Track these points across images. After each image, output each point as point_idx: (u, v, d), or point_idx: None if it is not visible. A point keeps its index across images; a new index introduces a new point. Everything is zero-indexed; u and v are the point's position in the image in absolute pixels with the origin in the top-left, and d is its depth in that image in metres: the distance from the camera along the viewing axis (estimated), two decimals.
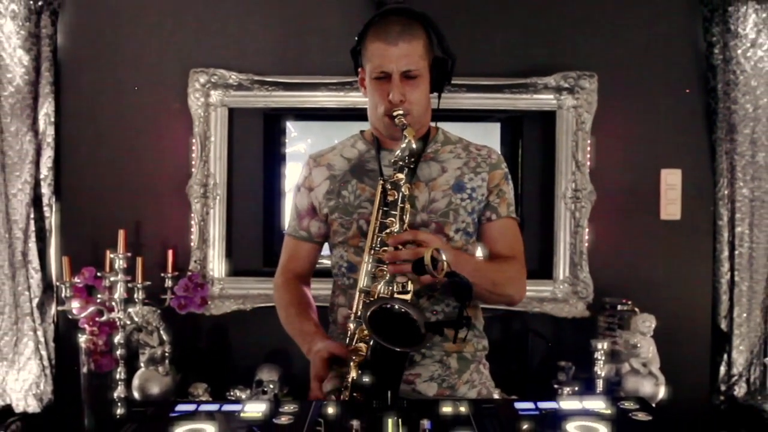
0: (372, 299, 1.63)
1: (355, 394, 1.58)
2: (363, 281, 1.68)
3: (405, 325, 1.50)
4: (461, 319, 1.49)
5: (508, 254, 1.88)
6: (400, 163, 1.69)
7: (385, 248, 1.63)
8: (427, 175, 1.85)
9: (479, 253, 1.93)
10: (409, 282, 1.61)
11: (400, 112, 1.73)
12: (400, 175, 1.68)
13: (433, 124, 1.94)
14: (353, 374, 1.59)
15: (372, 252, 1.68)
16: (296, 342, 1.83)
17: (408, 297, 1.60)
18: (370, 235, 1.70)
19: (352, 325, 1.67)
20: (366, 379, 1.54)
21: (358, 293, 1.69)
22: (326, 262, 2.00)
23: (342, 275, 1.90)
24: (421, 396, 1.79)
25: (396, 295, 1.61)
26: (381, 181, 1.73)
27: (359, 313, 1.66)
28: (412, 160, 1.72)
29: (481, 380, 1.90)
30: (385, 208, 1.68)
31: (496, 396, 3.04)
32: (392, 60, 1.73)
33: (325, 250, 1.99)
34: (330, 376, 1.86)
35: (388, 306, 1.54)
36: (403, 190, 1.67)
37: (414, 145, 1.70)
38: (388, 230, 1.65)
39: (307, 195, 1.96)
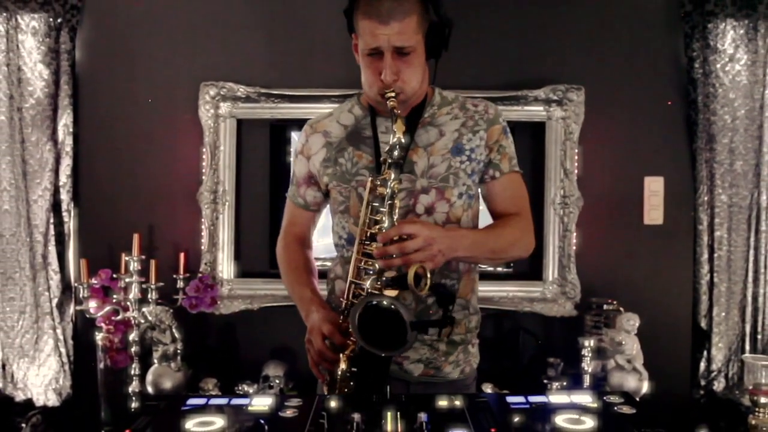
0: (360, 297, 1.59)
1: (350, 382, 1.58)
2: (352, 274, 1.64)
3: (392, 320, 1.47)
4: (446, 319, 1.49)
5: (512, 211, 1.80)
6: (390, 160, 1.59)
7: (375, 242, 1.57)
8: (426, 140, 1.75)
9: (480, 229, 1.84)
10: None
11: (392, 94, 1.63)
12: (389, 172, 1.59)
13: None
14: (343, 366, 1.58)
15: (361, 246, 1.63)
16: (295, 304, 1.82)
17: (395, 292, 1.55)
18: (360, 229, 1.64)
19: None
20: (354, 370, 1.55)
21: (348, 285, 1.65)
22: (328, 264, 1.98)
23: (342, 246, 1.83)
24: (407, 376, 1.77)
25: (384, 291, 1.56)
26: (370, 178, 1.65)
27: (350, 303, 1.64)
28: (402, 155, 1.60)
29: (466, 359, 1.85)
30: (374, 204, 1.61)
31: (486, 386, 3.05)
32: (384, 38, 1.60)
33: (328, 252, 1.97)
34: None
35: (375, 303, 1.49)
36: (392, 185, 1.58)
37: (404, 140, 1.59)
38: (377, 226, 1.59)
39: (305, 163, 1.88)
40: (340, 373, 1.59)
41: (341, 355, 1.60)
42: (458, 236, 1.64)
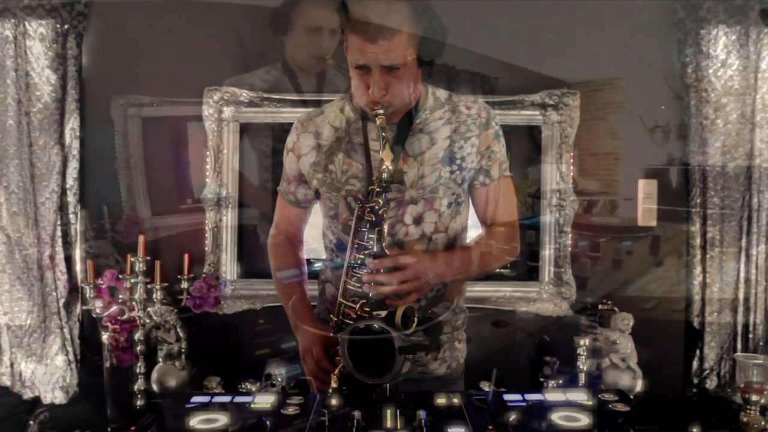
0: (351, 318, 1.58)
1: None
2: (341, 294, 1.62)
3: (383, 344, 1.47)
4: (433, 343, 1.49)
5: (499, 217, 1.77)
6: (377, 189, 1.56)
7: (364, 266, 1.56)
8: (417, 149, 1.69)
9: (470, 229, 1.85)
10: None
11: (381, 111, 1.57)
12: (378, 200, 1.56)
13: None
14: (334, 384, 1.58)
15: (351, 269, 1.60)
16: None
17: (384, 313, 1.53)
18: (348, 253, 1.61)
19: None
20: (345, 388, 1.55)
21: (338, 304, 1.64)
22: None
23: (331, 250, 1.80)
24: None
25: (374, 313, 1.54)
26: (359, 205, 1.61)
27: (341, 321, 1.63)
28: (390, 181, 1.57)
29: (453, 355, 1.84)
30: (363, 229, 1.58)
31: (483, 384, 3.05)
32: (372, 57, 1.53)
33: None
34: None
35: (365, 326, 1.49)
36: (380, 213, 1.55)
37: (391, 167, 1.54)
38: (366, 251, 1.56)
39: (296, 162, 1.83)
40: (331, 391, 1.58)
41: (332, 375, 1.60)
42: (444, 264, 1.64)
